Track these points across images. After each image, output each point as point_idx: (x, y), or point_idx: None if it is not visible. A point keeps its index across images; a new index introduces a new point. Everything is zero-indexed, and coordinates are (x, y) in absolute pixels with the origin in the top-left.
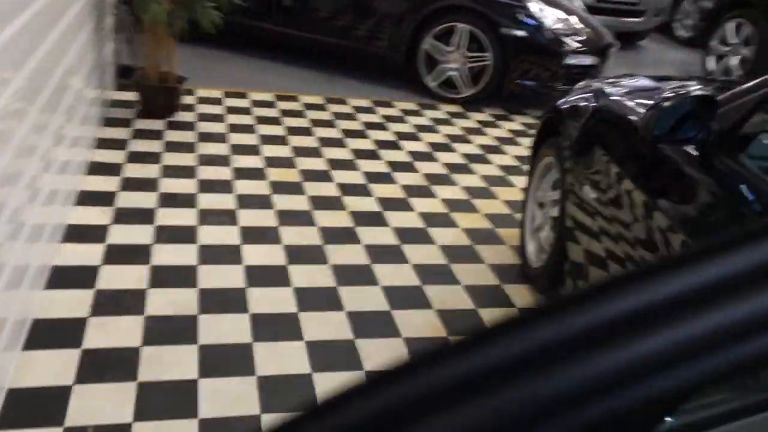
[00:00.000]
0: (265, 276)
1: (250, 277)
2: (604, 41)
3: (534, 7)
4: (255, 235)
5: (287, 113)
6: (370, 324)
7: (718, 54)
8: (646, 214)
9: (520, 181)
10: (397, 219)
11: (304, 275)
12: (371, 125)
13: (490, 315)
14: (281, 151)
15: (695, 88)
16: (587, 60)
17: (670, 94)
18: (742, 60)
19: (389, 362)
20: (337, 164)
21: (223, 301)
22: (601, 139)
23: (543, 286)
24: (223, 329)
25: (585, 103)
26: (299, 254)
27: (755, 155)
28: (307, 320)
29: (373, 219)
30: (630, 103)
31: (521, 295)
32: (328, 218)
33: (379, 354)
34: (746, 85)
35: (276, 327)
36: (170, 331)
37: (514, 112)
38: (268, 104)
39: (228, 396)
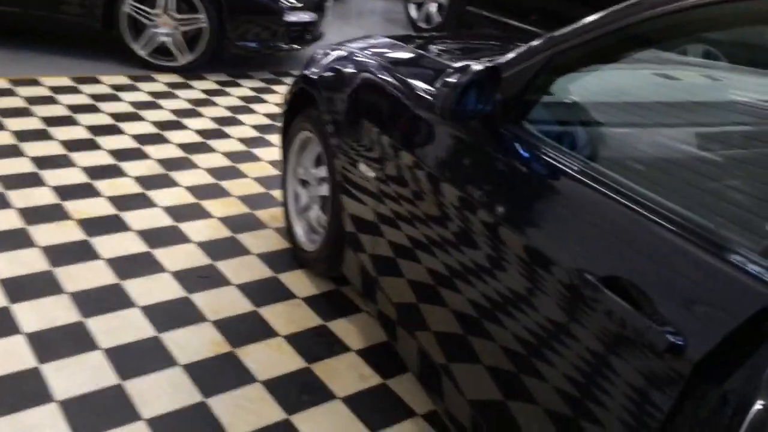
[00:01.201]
0: None
1: None
2: None
3: None
4: None
5: None
6: (137, 358)
7: (417, 2)
8: (429, 186)
9: (266, 153)
10: (140, 219)
11: (35, 315)
12: (79, 108)
13: (272, 313)
14: None
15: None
16: (306, 16)
17: (453, 68)
18: (438, 7)
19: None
20: (46, 162)
21: None
22: (372, 112)
23: (322, 269)
24: None
25: (348, 71)
26: (22, 288)
27: (536, 120)
28: (53, 373)
29: (110, 224)
30: (396, 72)
31: (300, 283)
32: (50, 234)
33: (157, 394)
34: (523, 50)
35: (13, 392)
36: None
37: (240, 77)
38: None
39: None
